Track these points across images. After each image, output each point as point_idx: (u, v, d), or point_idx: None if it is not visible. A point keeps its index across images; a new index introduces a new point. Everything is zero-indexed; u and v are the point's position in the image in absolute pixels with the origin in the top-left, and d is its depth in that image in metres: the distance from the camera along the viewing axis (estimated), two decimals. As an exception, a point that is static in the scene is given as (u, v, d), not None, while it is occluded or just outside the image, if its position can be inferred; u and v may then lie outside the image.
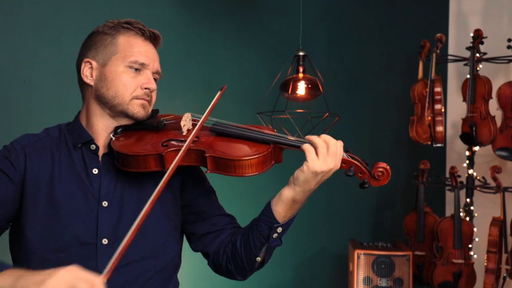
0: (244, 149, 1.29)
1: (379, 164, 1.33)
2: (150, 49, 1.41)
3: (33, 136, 1.42)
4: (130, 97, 1.36)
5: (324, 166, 1.26)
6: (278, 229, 1.32)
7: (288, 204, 1.31)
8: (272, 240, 1.33)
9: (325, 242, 3.46)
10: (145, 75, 1.38)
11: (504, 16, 3.49)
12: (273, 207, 1.32)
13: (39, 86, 2.62)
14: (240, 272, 1.41)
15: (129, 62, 1.36)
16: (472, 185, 3.20)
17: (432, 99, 3.15)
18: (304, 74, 2.70)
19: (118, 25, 1.40)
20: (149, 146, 1.32)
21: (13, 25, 2.54)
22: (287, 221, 1.33)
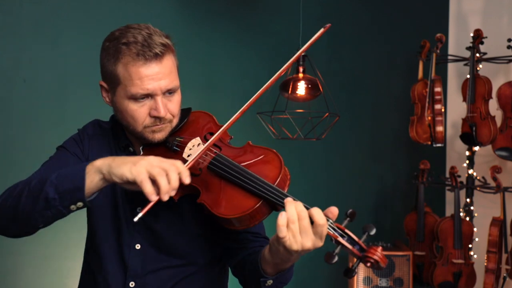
0: (234, 203, 1.18)
1: (371, 251, 1.14)
2: (154, 70, 1.26)
3: (97, 128, 1.46)
4: (141, 128, 1.30)
5: (295, 246, 1.08)
6: (268, 281, 1.21)
7: (271, 265, 1.19)
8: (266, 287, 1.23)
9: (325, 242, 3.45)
10: (153, 102, 1.28)
11: (504, 16, 3.48)
12: (260, 262, 1.21)
13: (39, 86, 2.62)
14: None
15: (130, 95, 1.27)
16: (472, 185, 3.20)
17: (432, 99, 3.15)
18: (304, 74, 2.70)
19: (117, 46, 1.27)
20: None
21: (13, 25, 2.54)
22: (277, 275, 1.21)
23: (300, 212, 1.09)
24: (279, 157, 1.25)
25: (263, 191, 1.16)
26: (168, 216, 1.36)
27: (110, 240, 1.37)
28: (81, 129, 1.46)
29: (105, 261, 1.36)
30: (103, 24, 2.80)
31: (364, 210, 3.63)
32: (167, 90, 1.29)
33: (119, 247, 1.36)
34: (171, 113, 1.31)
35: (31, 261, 2.62)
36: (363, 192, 3.61)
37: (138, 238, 1.35)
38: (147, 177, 1.09)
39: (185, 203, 1.35)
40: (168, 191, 1.09)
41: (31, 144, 2.60)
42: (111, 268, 1.36)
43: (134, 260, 1.35)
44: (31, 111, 2.60)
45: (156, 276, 1.35)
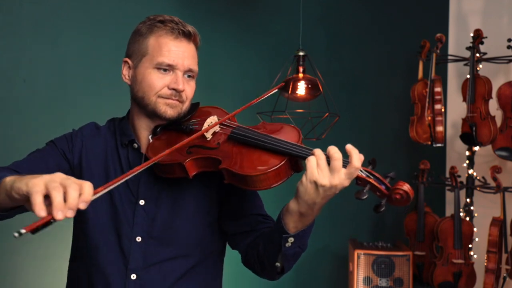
0: (258, 162, 1.24)
1: (399, 185, 1.20)
2: (182, 48, 1.37)
3: (93, 129, 1.48)
4: (155, 96, 1.36)
5: (324, 180, 1.14)
6: (289, 239, 1.24)
7: (295, 216, 1.22)
8: (285, 249, 1.25)
9: (325, 242, 3.46)
10: (174, 75, 1.36)
11: (504, 16, 3.49)
12: (282, 217, 1.25)
13: (39, 86, 2.62)
14: (267, 274, 1.38)
15: (156, 63, 1.35)
16: (472, 185, 3.20)
17: (432, 99, 3.15)
18: (304, 74, 2.70)
19: (152, 24, 1.39)
20: (175, 154, 1.30)
21: (13, 25, 2.54)
22: (298, 232, 1.24)
23: (334, 153, 1.17)
24: (296, 128, 1.33)
25: (288, 148, 1.22)
26: (171, 206, 1.38)
27: (109, 234, 1.37)
28: (77, 129, 1.49)
29: (103, 256, 1.36)
30: (103, 24, 2.81)
31: (364, 210, 3.63)
32: (189, 69, 1.38)
33: (119, 240, 1.36)
34: (186, 95, 1.39)
35: (31, 261, 2.62)
36: (363, 192, 3.61)
37: (138, 230, 1.36)
38: (41, 190, 0.97)
39: (190, 191, 1.39)
40: (61, 208, 0.95)
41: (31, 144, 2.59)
42: (110, 263, 1.35)
43: (135, 253, 1.35)
44: (31, 111, 2.60)
45: (158, 268, 1.35)
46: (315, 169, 1.15)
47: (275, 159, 1.23)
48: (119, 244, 1.36)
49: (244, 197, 1.44)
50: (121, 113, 1.54)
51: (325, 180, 1.14)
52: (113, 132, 1.47)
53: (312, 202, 1.17)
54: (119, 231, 1.36)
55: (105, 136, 1.46)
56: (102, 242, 1.37)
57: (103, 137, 1.46)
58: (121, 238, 1.36)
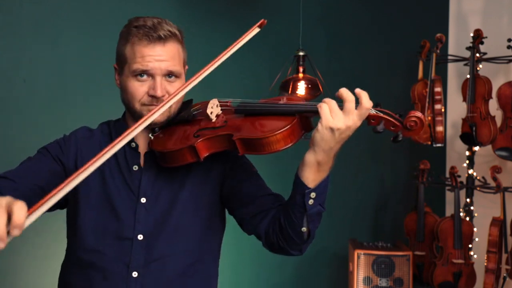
0: (270, 125, 1.28)
1: (411, 113, 1.28)
2: (157, 52, 1.36)
3: (88, 132, 1.49)
4: (139, 105, 1.37)
5: (339, 123, 1.21)
6: (311, 194, 1.26)
7: (313, 167, 1.25)
8: (309, 207, 1.27)
9: (325, 242, 3.46)
10: (152, 81, 1.36)
11: (504, 16, 3.49)
12: (300, 173, 1.27)
13: (39, 86, 2.62)
14: (293, 246, 1.38)
15: (132, 71, 1.36)
16: (472, 185, 3.20)
17: (432, 99, 3.15)
18: (304, 74, 2.70)
19: (128, 30, 1.39)
20: (182, 140, 1.34)
21: (13, 25, 2.54)
22: (318, 184, 1.27)
23: (348, 95, 1.23)
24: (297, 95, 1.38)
25: (296, 107, 1.29)
26: (172, 203, 1.39)
27: (108, 234, 1.36)
28: (69, 134, 1.48)
29: (103, 257, 1.36)
30: (103, 24, 2.81)
31: (364, 210, 3.64)
32: (168, 71, 1.37)
33: (119, 239, 1.36)
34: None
35: (31, 261, 2.62)
36: (363, 192, 3.61)
37: (140, 228, 1.36)
38: None
39: (190, 188, 1.40)
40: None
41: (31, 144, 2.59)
42: (110, 263, 1.35)
43: (137, 251, 1.35)
44: (31, 111, 2.59)
45: (159, 265, 1.36)
46: (329, 115, 1.21)
47: (287, 119, 1.28)
48: (120, 243, 1.36)
49: (251, 181, 1.45)
50: (121, 113, 1.54)
51: (340, 122, 1.21)
52: (108, 134, 1.47)
53: (329, 147, 1.23)
54: (120, 230, 1.36)
55: (99, 138, 1.47)
56: (101, 242, 1.36)
57: (97, 140, 1.46)
58: (122, 237, 1.36)
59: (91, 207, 1.38)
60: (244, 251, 3.06)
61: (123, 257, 1.35)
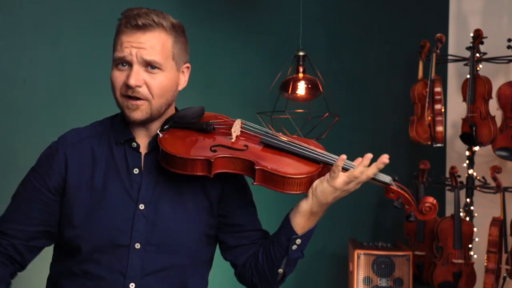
0: (295, 166, 1.29)
1: (427, 199, 1.33)
2: (135, 39, 1.29)
3: (77, 135, 1.39)
4: (119, 96, 1.32)
5: (346, 187, 1.27)
6: (297, 240, 1.31)
7: (306, 216, 1.31)
8: (292, 252, 1.32)
9: (325, 242, 3.46)
10: (130, 70, 1.29)
11: (504, 16, 3.48)
12: (291, 219, 1.32)
13: (39, 86, 2.62)
14: (264, 284, 1.40)
15: (113, 60, 1.32)
16: (472, 185, 3.20)
17: (432, 99, 3.15)
18: (304, 74, 2.70)
19: (119, 21, 1.36)
20: (198, 150, 1.29)
21: (13, 25, 2.54)
22: (305, 232, 1.32)
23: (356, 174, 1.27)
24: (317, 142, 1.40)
25: (323, 156, 1.30)
26: (172, 212, 1.34)
27: (104, 242, 1.30)
28: (56, 141, 1.39)
29: (99, 266, 1.30)
30: (103, 24, 2.80)
31: (364, 210, 3.63)
32: (146, 61, 1.29)
33: (115, 248, 1.29)
34: (150, 90, 1.30)
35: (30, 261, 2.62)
36: (363, 192, 3.60)
37: (137, 236, 1.30)
38: None
39: (191, 198, 1.36)
40: None
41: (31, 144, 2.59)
42: (106, 272, 1.29)
43: (134, 261, 1.29)
44: (31, 111, 2.59)
45: (157, 277, 1.32)
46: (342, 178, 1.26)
47: (311, 166, 1.29)
48: (116, 252, 1.29)
49: (245, 211, 1.44)
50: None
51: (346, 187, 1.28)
52: (101, 133, 1.39)
53: (326, 202, 1.29)
54: (116, 238, 1.29)
55: (90, 140, 1.37)
56: (97, 251, 1.29)
57: (87, 145, 1.36)
58: (119, 245, 1.29)
59: (87, 214, 1.31)
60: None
61: (119, 266, 1.29)
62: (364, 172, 1.27)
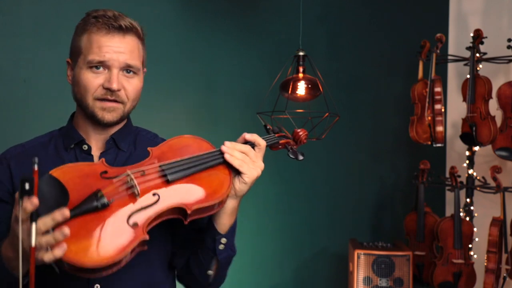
0: (214, 183, 1.23)
1: (298, 132, 1.43)
2: (116, 43, 1.27)
3: (17, 148, 1.38)
4: (92, 99, 1.28)
5: (259, 170, 1.28)
6: (222, 239, 1.31)
7: (231, 214, 1.31)
8: (219, 252, 1.31)
9: (325, 242, 3.46)
10: (108, 73, 1.27)
11: (504, 16, 3.49)
12: (215, 220, 1.30)
13: (39, 86, 2.62)
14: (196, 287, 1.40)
15: (87, 62, 1.27)
16: (472, 185, 3.20)
17: (432, 99, 3.15)
18: (304, 74, 2.70)
19: (86, 21, 1.31)
20: (119, 238, 1.06)
21: (13, 25, 2.54)
22: (228, 229, 1.32)
23: (241, 148, 1.27)
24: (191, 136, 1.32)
25: (215, 157, 1.26)
26: None
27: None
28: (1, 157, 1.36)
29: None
30: (103, 24, 2.81)
31: (364, 210, 3.64)
32: (126, 65, 1.29)
33: None
34: (127, 94, 1.30)
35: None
36: (363, 192, 3.61)
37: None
38: None
39: None
40: None
41: (31, 144, 2.60)
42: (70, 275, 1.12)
43: None
44: (31, 111, 2.59)
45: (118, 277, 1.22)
46: (251, 167, 1.27)
47: (223, 170, 1.26)
48: None
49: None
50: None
51: (259, 168, 1.28)
52: (47, 142, 1.37)
53: (245, 193, 1.30)
54: None
55: (34, 150, 1.34)
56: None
57: (31, 153, 1.33)
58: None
59: None
60: (244, 251, 3.06)
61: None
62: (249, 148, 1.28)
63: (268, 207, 3.25)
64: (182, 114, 2.95)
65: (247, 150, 1.27)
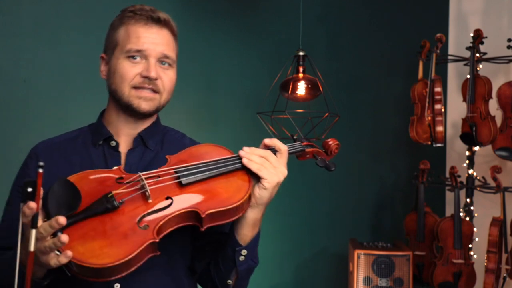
0: (231, 188, 1.19)
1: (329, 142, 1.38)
2: (153, 34, 1.30)
3: (46, 142, 1.39)
4: (128, 88, 1.29)
5: (282, 174, 1.24)
6: (243, 251, 1.27)
7: (254, 225, 1.27)
8: (240, 263, 1.27)
9: (325, 242, 3.46)
10: (146, 63, 1.29)
11: (504, 16, 3.49)
12: (236, 230, 1.26)
13: (39, 86, 2.62)
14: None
15: (125, 51, 1.29)
16: (472, 185, 3.20)
17: (432, 99, 3.15)
18: (304, 74, 2.70)
19: (123, 15, 1.34)
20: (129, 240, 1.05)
21: (13, 25, 2.54)
22: (250, 241, 1.27)
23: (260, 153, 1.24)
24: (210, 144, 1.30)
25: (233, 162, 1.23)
26: None
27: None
28: (29, 153, 1.38)
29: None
30: (103, 24, 2.80)
31: (364, 210, 3.64)
32: (163, 55, 1.31)
33: None
34: (163, 84, 1.32)
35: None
36: (363, 192, 3.61)
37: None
38: None
39: None
40: None
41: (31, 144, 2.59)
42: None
43: None
44: (31, 111, 2.60)
45: (142, 276, 1.24)
46: (272, 172, 1.23)
47: (241, 175, 1.22)
48: None
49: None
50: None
51: (282, 173, 1.24)
52: (75, 138, 1.37)
53: (268, 202, 1.26)
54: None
55: (62, 145, 1.35)
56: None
57: (60, 147, 1.35)
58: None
59: None
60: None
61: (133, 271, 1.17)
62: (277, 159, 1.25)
63: (268, 207, 3.25)
64: (182, 114, 2.95)
65: (267, 155, 1.24)
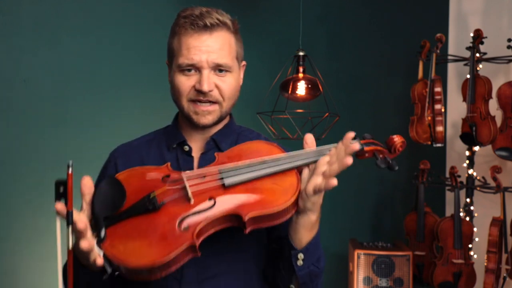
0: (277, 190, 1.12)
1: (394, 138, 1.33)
2: (203, 42, 1.24)
3: (125, 146, 1.40)
4: (186, 101, 1.27)
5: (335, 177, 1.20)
6: (299, 255, 1.20)
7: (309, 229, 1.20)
8: (299, 269, 1.20)
9: (325, 242, 3.43)
10: (199, 75, 1.25)
11: (504, 16, 3.48)
12: (291, 233, 1.20)
13: (39, 86, 2.62)
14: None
15: (178, 65, 1.26)
16: (472, 185, 3.20)
17: (432, 99, 3.15)
18: (304, 74, 2.70)
19: (176, 22, 1.28)
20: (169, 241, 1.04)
21: (13, 25, 2.54)
22: (307, 245, 1.20)
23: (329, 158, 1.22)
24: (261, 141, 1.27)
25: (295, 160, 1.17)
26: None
27: None
28: (109, 155, 1.40)
29: None
30: (103, 24, 2.81)
31: (364, 210, 3.64)
32: (216, 64, 1.26)
33: None
34: (221, 93, 1.28)
35: (31, 261, 2.62)
36: (363, 192, 3.61)
37: None
38: None
39: None
40: None
41: (31, 144, 2.60)
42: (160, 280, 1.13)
43: (189, 267, 1.20)
44: (31, 111, 2.60)
45: (214, 283, 1.24)
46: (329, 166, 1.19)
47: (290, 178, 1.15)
48: None
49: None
50: (122, 112, 1.53)
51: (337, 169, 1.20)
52: (150, 141, 1.37)
53: (320, 204, 1.18)
54: None
55: (138, 148, 1.36)
56: None
57: (136, 150, 1.36)
58: None
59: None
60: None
61: (174, 273, 1.13)
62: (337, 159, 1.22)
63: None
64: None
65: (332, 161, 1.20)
